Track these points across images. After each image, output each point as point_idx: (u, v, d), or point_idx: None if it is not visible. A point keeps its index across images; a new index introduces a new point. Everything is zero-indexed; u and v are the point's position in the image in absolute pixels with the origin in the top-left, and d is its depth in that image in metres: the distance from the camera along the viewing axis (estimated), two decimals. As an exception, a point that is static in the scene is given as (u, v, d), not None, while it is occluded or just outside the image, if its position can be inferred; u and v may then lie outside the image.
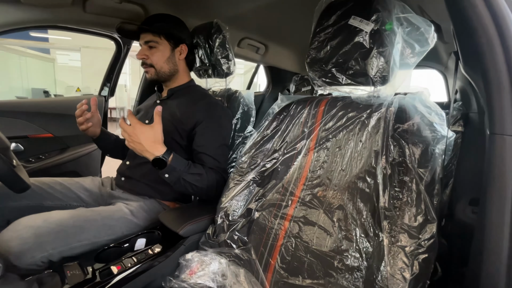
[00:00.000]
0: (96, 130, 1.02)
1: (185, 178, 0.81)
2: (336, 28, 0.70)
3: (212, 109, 0.95)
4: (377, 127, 0.66)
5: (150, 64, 0.97)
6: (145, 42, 0.96)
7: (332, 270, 0.61)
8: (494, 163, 0.39)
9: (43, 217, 0.72)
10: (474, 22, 0.41)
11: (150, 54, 0.96)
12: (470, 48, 0.44)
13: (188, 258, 0.75)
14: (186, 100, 0.99)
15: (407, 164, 0.56)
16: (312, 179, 0.73)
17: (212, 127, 0.93)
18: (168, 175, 0.79)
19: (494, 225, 0.38)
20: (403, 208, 0.52)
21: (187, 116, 0.94)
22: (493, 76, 0.39)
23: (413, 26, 0.61)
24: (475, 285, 0.40)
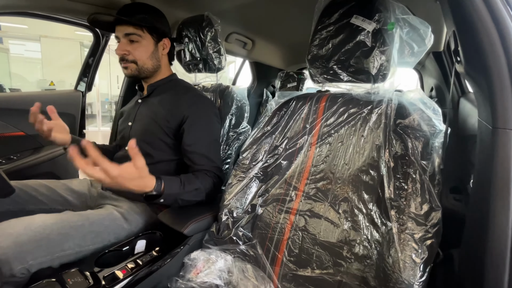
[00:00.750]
0: (64, 138, 0.88)
1: (183, 198, 0.77)
2: (338, 26, 0.72)
3: (197, 102, 0.91)
4: (378, 122, 0.69)
5: (132, 60, 0.89)
6: (125, 34, 0.87)
7: (341, 259, 0.64)
8: (497, 155, 0.43)
9: (24, 222, 0.64)
10: (477, 25, 0.45)
11: (132, 49, 0.88)
12: (473, 49, 0.48)
13: (194, 257, 0.74)
14: (169, 96, 0.94)
15: (410, 157, 0.60)
16: (316, 173, 0.75)
17: (200, 123, 0.88)
18: (163, 200, 0.72)
19: (498, 213, 0.42)
20: (408, 197, 0.56)
21: (171, 112, 0.89)
22: (495, 76, 0.43)
23: (412, 27, 0.65)
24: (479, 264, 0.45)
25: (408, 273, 0.51)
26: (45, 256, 0.62)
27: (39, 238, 0.61)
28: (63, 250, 0.65)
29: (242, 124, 1.11)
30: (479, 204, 0.51)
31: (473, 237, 0.50)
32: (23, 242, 0.59)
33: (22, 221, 0.64)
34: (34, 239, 0.61)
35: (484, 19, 0.45)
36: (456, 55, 0.55)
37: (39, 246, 0.61)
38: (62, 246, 0.65)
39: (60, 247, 0.64)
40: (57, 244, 0.64)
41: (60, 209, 0.88)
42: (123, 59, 0.90)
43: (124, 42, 0.88)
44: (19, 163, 1.17)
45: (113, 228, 0.76)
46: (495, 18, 0.44)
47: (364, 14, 0.68)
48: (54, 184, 0.91)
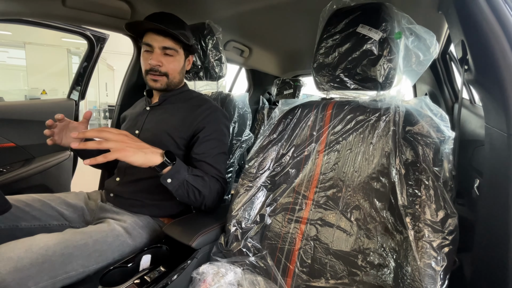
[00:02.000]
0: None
1: (189, 181, 0.73)
2: (344, 35, 0.73)
3: (214, 115, 0.90)
4: (386, 130, 0.70)
5: (165, 72, 0.88)
6: (163, 47, 0.86)
7: (356, 269, 0.63)
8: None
9: (25, 245, 0.60)
10: (488, 35, 0.46)
11: (166, 62, 0.87)
12: (483, 58, 0.49)
13: (202, 271, 0.71)
14: (183, 106, 0.92)
15: (421, 164, 0.60)
16: (325, 181, 0.75)
17: (214, 134, 0.87)
18: (171, 179, 0.70)
19: None
20: (423, 204, 0.56)
21: (186, 124, 0.88)
22: (509, 84, 0.44)
23: (418, 36, 0.66)
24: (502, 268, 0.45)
25: (429, 281, 0.50)
26: (47, 280, 0.58)
27: (41, 261, 0.58)
28: (66, 272, 0.61)
29: (245, 132, 1.10)
30: (493, 209, 0.51)
31: (491, 241, 0.51)
32: (24, 267, 0.55)
33: (22, 243, 0.60)
34: (36, 262, 0.57)
35: (494, 29, 0.46)
36: (464, 63, 0.56)
37: (41, 270, 0.57)
38: (65, 268, 0.61)
39: (63, 269, 0.61)
40: (60, 266, 0.60)
41: (56, 225, 0.84)
42: (154, 71, 0.87)
43: (158, 53, 0.86)
44: (9, 175, 1.11)
45: (117, 244, 0.72)
46: (505, 28, 0.46)
47: (370, 23, 0.69)
48: (48, 198, 0.87)
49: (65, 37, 6.77)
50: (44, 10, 0.83)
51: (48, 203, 0.84)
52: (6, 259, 0.55)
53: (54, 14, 0.86)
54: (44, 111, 1.30)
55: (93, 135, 0.59)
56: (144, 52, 0.88)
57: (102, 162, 0.57)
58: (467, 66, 0.55)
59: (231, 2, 1.11)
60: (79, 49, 7.47)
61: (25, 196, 0.82)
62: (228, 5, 1.13)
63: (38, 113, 1.26)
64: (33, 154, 1.25)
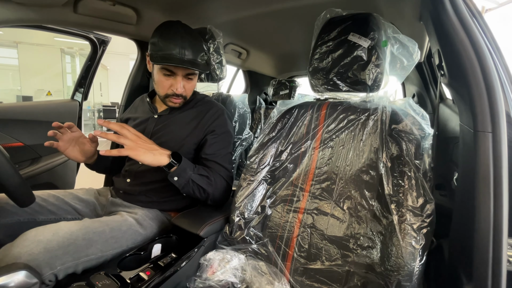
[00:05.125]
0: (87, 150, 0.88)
1: (194, 179, 0.80)
2: (337, 42, 0.81)
3: (221, 118, 0.95)
4: (375, 128, 0.78)
5: (185, 96, 0.92)
6: (186, 74, 0.89)
7: (348, 251, 0.71)
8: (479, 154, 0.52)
9: (52, 229, 0.67)
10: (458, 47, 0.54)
11: (187, 85, 0.91)
12: (455, 65, 0.57)
13: (209, 258, 0.78)
14: (192, 112, 0.96)
15: (405, 157, 0.68)
16: (320, 174, 0.83)
17: (222, 136, 0.93)
18: (177, 177, 0.77)
19: (482, 206, 0.51)
20: (406, 193, 0.65)
21: (196, 129, 0.92)
22: (474, 87, 0.52)
23: (402, 44, 0.74)
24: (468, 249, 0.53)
25: (409, 257, 0.58)
26: (71, 261, 0.64)
27: (67, 244, 0.64)
28: (87, 255, 0.67)
29: (245, 130, 1.17)
30: (465, 199, 0.59)
31: (462, 227, 0.59)
32: (52, 248, 0.61)
33: (49, 228, 0.66)
34: (63, 245, 0.63)
35: (463, 40, 0.54)
36: (440, 69, 0.65)
37: (67, 251, 0.63)
38: (86, 251, 0.67)
39: (85, 252, 0.67)
40: (82, 249, 0.66)
41: (70, 218, 0.90)
42: (177, 95, 0.89)
43: (180, 79, 0.88)
44: (18, 174, 1.15)
45: (130, 233, 0.79)
46: (471, 39, 0.54)
47: (360, 32, 0.77)
48: (62, 194, 0.92)
49: (57, 36, 6.71)
50: (58, 17, 0.88)
51: (62, 198, 0.90)
52: (37, 241, 0.61)
53: (66, 20, 0.92)
54: (49, 112, 1.34)
55: (115, 128, 0.67)
56: (163, 76, 0.87)
57: (116, 155, 0.66)
58: (442, 71, 0.63)
59: (231, 8, 1.17)
60: (72, 48, 7.41)
61: (41, 192, 0.88)
62: (228, 11, 1.20)
63: (44, 113, 1.30)
64: (40, 153, 1.29)
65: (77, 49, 7.29)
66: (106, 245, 0.72)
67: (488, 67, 0.52)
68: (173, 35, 0.84)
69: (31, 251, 0.60)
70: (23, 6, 0.78)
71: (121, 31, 1.11)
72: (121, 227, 0.78)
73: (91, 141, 0.88)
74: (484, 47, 0.54)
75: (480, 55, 0.53)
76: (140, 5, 1.04)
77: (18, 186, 0.60)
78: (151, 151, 0.72)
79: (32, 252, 0.60)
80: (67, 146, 0.85)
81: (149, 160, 0.72)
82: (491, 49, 0.59)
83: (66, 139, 0.84)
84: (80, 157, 0.88)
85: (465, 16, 0.55)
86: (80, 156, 0.88)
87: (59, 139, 0.83)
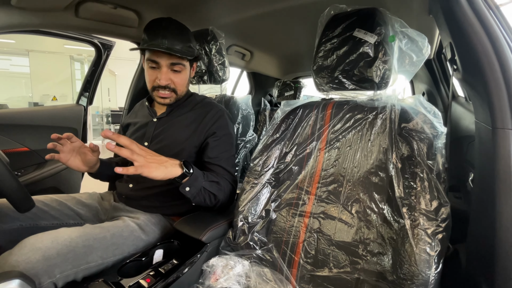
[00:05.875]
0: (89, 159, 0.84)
1: (205, 187, 0.77)
2: (342, 39, 0.78)
3: (222, 119, 0.93)
4: (383, 127, 0.74)
5: (173, 89, 0.88)
6: (171, 64, 0.84)
7: (357, 257, 0.67)
8: (499, 153, 0.48)
9: (51, 236, 0.65)
10: (472, 38, 0.51)
11: (175, 78, 0.87)
12: (469, 59, 0.54)
13: (212, 264, 0.76)
14: (192, 114, 0.93)
15: (416, 158, 0.64)
16: (326, 176, 0.79)
17: (224, 138, 0.91)
18: (189, 187, 0.73)
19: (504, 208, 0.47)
20: (418, 195, 0.61)
21: (196, 131, 0.90)
22: (492, 82, 0.49)
23: (411, 39, 0.71)
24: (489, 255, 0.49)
25: (424, 265, 0.54)
26: (71, 269, 0.62)
27: (66, 251, 0.62)
28: (87, 262, 0.65)
29: (248, 132, 1.14)
30: (483, 201, 0.55)
31: (480, 232, 0.55)
32: (51, 256, 0.60)
33: (48, 234, 0.64)
34: (62, 252, 0.62)
35: (477, 31, 0.50)
36: (453, 63, 0.61)
37: (66, 259, 0.62)
38: (86, 259, 0.65)
39: (85, 259, 0.65)
40: (82, 256, 0.65)
41: (72, 223, 0.88)
42: (163, 88, 0.86)
43: (166, 71, 0.85)
44: (23, 179, 1.16)
45: (132, 239, 0.77)
46: (487, 30, 0.50)
47: (365, 27, 0.74)
48: (64, 198, 0.92)
49: (67, 44, 6.88)
50: (59, 21, 0.88)
51: (65, 203, 0.89)
52: (35, 249, 0.59)
53: (68, 24, 0.91)
54: (54, 117, 1.35)
55: (124, 143, 0.61)
56: (150, 69, 0.86)
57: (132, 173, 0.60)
58: (455, 66, 0.60)
59: (233, 9, 1.16)
60: (81, 55, 7.59)
61: (43, 197, 0.87)
62: (231, 12, 1.18)
63: (49, 118, 1.31)
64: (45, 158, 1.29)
65: (85, 56, 7.45)
66: (106, 252, 0.70)
67: (507, 60, 0.48)
68: (156, 27, 0.84)
69: (29, 259, 0.58)
70: (24, 10, 0.78)
71: (124, 35, 1.10)
72: (122, 233, 0.76)
73: (92, 150, 0.86)
74: (502, 39, 0.50)
75: (497, 48, 0.49)
76: (141, 8, 1.03)
77: (16, 191, 0.59)
78: (162, 164, 0.66)
79: (30, 260, 0.58)
80: (68, 156, 0.82)
81: (162, 174, 0.66)
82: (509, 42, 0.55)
83: (67, 150, 0.81)
84: (82, 166, 0.85)
85: (480, 7, 0.52)
86: (82, 166, 0.85)
87: (60, 150, 0.80)
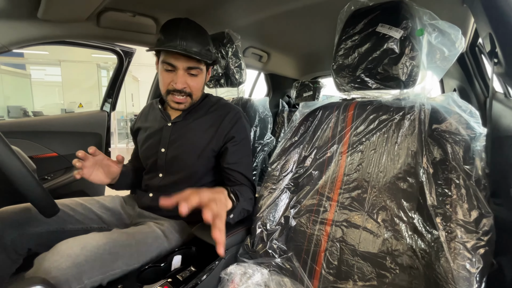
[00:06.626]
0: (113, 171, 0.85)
1: (244, 207, 0.76)
2: (363, 35, 0.73)
3: (240, 122, 0.90)
4: (412, 128, 0.68)
5: (189, 93, 0.84)
6: (188, 67, 0.81)
7: (384, 270, 0.62)
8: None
9: (80, 243, 0.66)
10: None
11: (191, 82, 0.83)
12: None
13: (230, 272, 0.74)
14: (208, 117, 0.90)
15: (451, 162, 0.58)
16: (349, 182, 0.75)
17: (242, 142, 0.88)
18: (233, 214, 0.72)
19: None
20: (454, 204, 0.55)
21: (215, 136, 0.87)
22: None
23: (442, 32, 0.64)
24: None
25: (464, 283, 0.48)
26: (98, 275, 0.64)
27: (94, 259, 0.64)
28: (113, 269, 0.67)
29: (266, 135, 1.12)
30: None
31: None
32: (80, 263, 0.61)
33: (78, 241, 0.66)
34: (90, 259, 0.63)
35: None
36: (493, 56, 0.54)
37: (93, 266, 0.63)
38: (112, 266, 0.67)
39: (111, 266, 0.66)
40: (108, 263, 0.66)
41: (96, 228, 0.91)
42: (179, 92, 0.82)
43: (182, 74, 0.81)
44: (53, 182, 1.22)
45: (156, 246, 0.78)
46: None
47: (390, 22, 0.69)
48: (89, 202, 0.94)
49: (94, 53, 7.30)
50: (83, 31, 0.91)
51: (89, 207, 0.91)
52: (65, 256, 0.61)
53: (90, 34, 0.95)
54: (80, 123, 1.41)
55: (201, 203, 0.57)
56: (165, 71, 0.82)
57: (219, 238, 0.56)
58: (496, 59, 0.53)
59: (249, 11, 1.14)
60: (107, 63, 8.02)
61: (69, 200, 0.90)
62: (246, 14, 1.17)
63: (76, 124, 1.37)
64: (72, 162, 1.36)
65: (111, 63, 7.86)
66: (131, 258, 0.71)
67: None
68: (173, 27, 0.80)
69: (60, 266, 0.60)
70: (50, 23, 0.82)
71: (143, 41, 1.13)
72: (147, 239, 0.77)
73: (117, 162, 0.85)
74: None
75: None
76: (158, 14, 1.04)
77: (41, 198, 0.61)
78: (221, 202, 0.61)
79: (61, 267, 0.60)
80: (91, 171, 0.81)
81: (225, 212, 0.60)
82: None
83: (89, 165, 0.80)
84: (105, 179, 0.85)
85: None
86: (105, 178, 0.85)
87: (83, 166, 0.79)
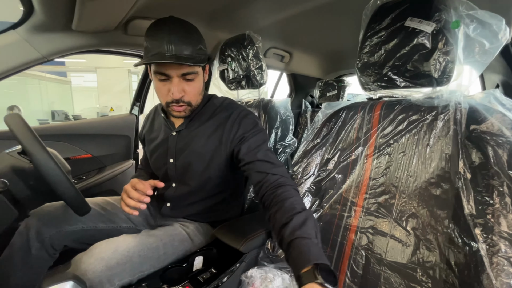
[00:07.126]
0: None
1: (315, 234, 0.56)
2: (391, 31, 0.68)
3: (246, 119, 0.81)
4: (446, 130, 0.63)
5: (188, 101, 0.75)
6: (182, 74, 0.71)
7: (415, 283, 0.57)
8: None
9: (113, 246, 0.70)
10: None
11: (188, 88, 0.74)
12: None
13: (250, 275, 0.73)
14: (212, 122, 0.82)
15: (493, 167, 0.52)
16: (375, 187, 0.71)
17: (253, 132, 0.78)
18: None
19: None
20: (497, 214, 0.49)
21: (221, 139, 0.80)
22: None
23: (481, 22, 0.58)
24: None
25: (508, 304, 0.43)
26: (127, 277, 0.67)
27: (125, 261, 0.67)
28: (141, 271, 0.70)
29: (288, 137, 1.10)
30: None
31: None
32: (112, 266, 0.65)
33: (111, 244, 0.70)
34: (121, 262, 0.66)
35: None
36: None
37: (124, 269, 0.66)
38: (141, 268, 0.70)
39: (139, 268, 0.69)
40: (137, 266, 0.69)
41: (125, 227, 0.95)
42: (177, 102, 0.74)
43: (177, 81, 0.72)
44: (87, 182, 1.30)
45: (181, 249, 0.80)
46: None
47: (420, 15, 0.64)
48: (118, 202, 0.99)
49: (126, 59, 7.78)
50: (112, 40, 0.97)
51: (119, 207, 0.96)
52: (99, 259, 0.65)
53: (119, 42, 1.00)
54: (111, 126, 1.50)
55: None
56: (159, 82, 0.73)
57: None
58: (548, 51, 0.47)
59: (270, 11, 1.13)
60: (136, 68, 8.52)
61: (100, 199, 0.96)
62: (267, 14, 1.16)
63: (107, 127, 1.46)
64: (105, 163, 1.45)
65: (140, 68, 8.32)
66: (158, 261, 0.74)
67: None
68: (159, 31, 0.69)
69: (95, 268, 0.64)
70: (82, 33, 0.87)
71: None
72: (173, 242, 0.79)
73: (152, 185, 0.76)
74: None
75: None
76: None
77: (75, 197, 0.65)
78: None
79: (96, 269, 0.64)
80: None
81: None
82: None
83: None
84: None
85: None
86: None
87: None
